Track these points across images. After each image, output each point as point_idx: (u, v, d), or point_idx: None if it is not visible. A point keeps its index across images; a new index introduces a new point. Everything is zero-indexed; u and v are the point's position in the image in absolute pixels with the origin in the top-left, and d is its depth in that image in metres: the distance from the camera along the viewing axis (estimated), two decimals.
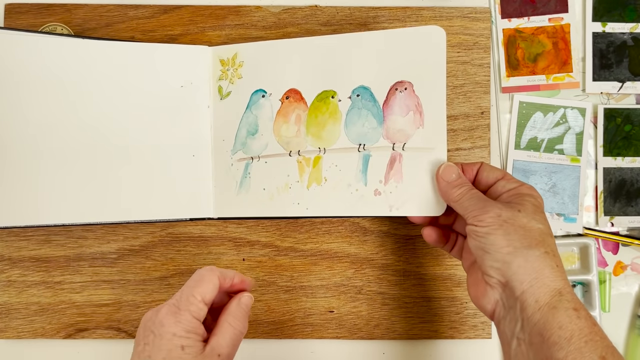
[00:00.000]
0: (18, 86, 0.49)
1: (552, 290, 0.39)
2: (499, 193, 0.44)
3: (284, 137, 0.51)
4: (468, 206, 0.43)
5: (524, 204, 0.42)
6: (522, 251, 0.40)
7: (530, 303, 0.39)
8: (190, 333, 0.39)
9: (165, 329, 0.38)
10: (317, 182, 0.50)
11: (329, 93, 0.50)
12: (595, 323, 0.39)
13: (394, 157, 0.49)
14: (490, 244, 0.41)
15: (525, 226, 0.41)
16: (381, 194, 0.49)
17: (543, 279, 0.39)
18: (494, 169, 0.46)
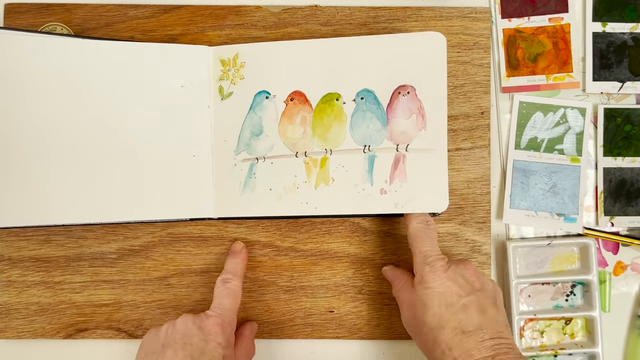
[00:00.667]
0: (17, 86, 0.49)
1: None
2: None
3: (290, 139, 0.51)
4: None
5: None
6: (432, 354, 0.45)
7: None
8: (229, 344, 0.46)
9: (212, 337, 0.45)
10: (325, 182, 0.51)
11: (334, 95, 0.51)
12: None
13: (398, 158, 0.50)
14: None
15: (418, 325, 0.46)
16: (387, 192, 0.50)
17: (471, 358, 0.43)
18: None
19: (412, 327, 0.48)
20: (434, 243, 0.48)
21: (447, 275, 0.46)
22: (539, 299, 0.56)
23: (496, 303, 0.46)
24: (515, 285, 0.55)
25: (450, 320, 0.44)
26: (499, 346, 0.43)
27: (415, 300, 0.47)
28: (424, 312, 0.45)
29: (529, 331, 0.56)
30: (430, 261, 0.47)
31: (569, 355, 0.55)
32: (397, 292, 0.50)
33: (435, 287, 0.45)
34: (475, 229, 0.55)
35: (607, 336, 0.55)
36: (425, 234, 0.48)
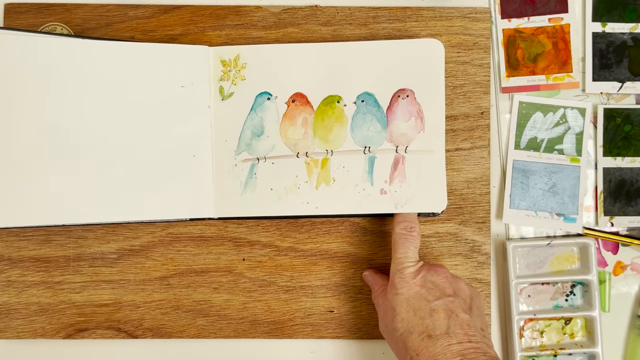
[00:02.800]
0: (17, 86, 0.49)
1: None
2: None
3: (291, 139, 0.52)
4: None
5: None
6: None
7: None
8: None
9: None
10: (326, 183, 0.52)
11: (335, 98, 0.52)
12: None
13: (398, 159, 0.52)
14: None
15: (390, 332, 0.47)
16: (387, 193, 0.51)
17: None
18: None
19: (385, 333, 0.48)
20: (409, 249, 0.48)
21: (415, 281, 0.46)
22: (538, 299, 0.56)
23: (470, 307, 0.46)
24: (515, 285, 0.55)
25: (417, 325, 0.44)
26: (468, 351, 0.43)
27: (387, 306, 0.47)
28: (394, 317, 0.46)
29: (529, 331, 0.56)
30: (401, 268, 0.47)
31: (568, 355, 0.55)
32: (374, 298, 0.51)
33: (403, 293, 0.46)
34: (475, 229, 0.55)
35: (607, 336, 0.56)
36: (405, 240, 0.48)
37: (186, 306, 0.55)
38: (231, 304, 0.55)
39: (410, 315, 0.45)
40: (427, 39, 0.52)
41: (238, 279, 0.55)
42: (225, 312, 0.55)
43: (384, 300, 0.48)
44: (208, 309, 0.55)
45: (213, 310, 0.55)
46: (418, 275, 0.47)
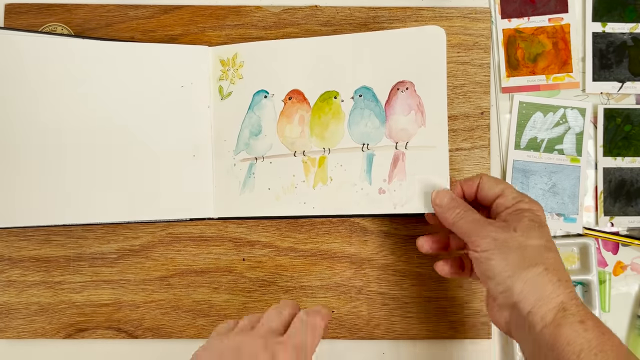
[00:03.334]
0: (17, 86, 0.49)
1: (555, 305, 0.39)
2: (498, 211, 0.44)
3: (288, 138, 0.51)
4: (465, 230, 0.44)
5: (520, 221, 0.42)
6: (522, 273, 0.40)
7: (537, 322, 0.39)
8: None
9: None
10: (323, 182, 0.51)
11: (332, 94, 0.51)
12: (605, 331, 0.39)
13: (397, 156, 0.50)
14: (491, 270, 0.41)
15: (522, 245, 0.41)
16: (385, 192, 0.50)
17: (546, 297, 0.39)
18: (494, 184, 0.45)
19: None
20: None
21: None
22: None
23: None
24: None
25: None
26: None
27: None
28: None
29: None
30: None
31: None
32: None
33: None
34: None
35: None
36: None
37: (186, 306, 0.55)
38: (231, 304, 0.55)
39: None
40: (427, 26, 0.49)
41: (238, 279, 0.55)
42: (225, 312, 0.55)
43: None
44: (208, 309, 0.55)
45: (213, 310, 0.55)
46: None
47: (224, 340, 0.38)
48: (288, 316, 0.40)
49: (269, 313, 0.40)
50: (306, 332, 0.39)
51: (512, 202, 0.44)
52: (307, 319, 0.40)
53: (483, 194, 0.46)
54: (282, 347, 0.37)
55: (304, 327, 0.40)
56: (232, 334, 0.39)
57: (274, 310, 0.41)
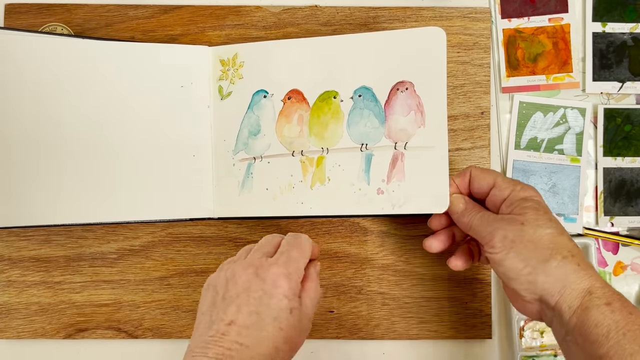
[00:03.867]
0: (17, 86, 0.49)
1: (581, 292, 0.39)
2: (496, 204, 0.45)
3: (287, 138, 0.51)
4: (478, 231, 0.44)
5: (525, 213, 0.42)
6: (541, 267, 0.40)
7: (565, 310, 0.40)
8: (296, 296, 0.41)
9: (279, 290, 0.40)
10: (321, 182, 0.50)
11: (331, 94, 0.51)
12: (633, 311, 0.39)
13: (396, 156, 0.49)
14: (510, 270, 0.41)
15: (534, 238, 0.41)
16: (384, 192, 0.49)
17: (570, 285, 0.40)
18: (484, 175, 0.46)
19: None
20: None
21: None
22: None
23: None
24: None
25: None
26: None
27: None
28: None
29: (529, 331, 0.56)
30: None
31: None
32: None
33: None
34: None
35: None
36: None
37: (186, 306, 0.55)
38: None
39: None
40: (427, 27, 0.49)
41: None
42: None
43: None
44: None
45: None
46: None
47: (220, 275, 0.42)
48: (278, 241, 0.44)
49: (261, 241, 0.44)
50: (291, 249, 0.43)
51: (507, 191, 0.44)
52: (293, 239, 0.44)
53: (476, 186, 0.46)
54: (272, 266, 0.41)
55: (290, 245, 0.43)
56: (228, 265, 0.42)
57: (265, 238, 0.45)
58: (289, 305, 0.40)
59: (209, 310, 0.40)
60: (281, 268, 0.41)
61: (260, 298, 0.40)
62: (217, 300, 0.40)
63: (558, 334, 0.41)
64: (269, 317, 0.39)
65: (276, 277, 0.40)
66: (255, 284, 0.40)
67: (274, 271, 0.41)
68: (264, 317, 0.39)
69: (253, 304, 0.39)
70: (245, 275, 0.41)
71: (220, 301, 0.40)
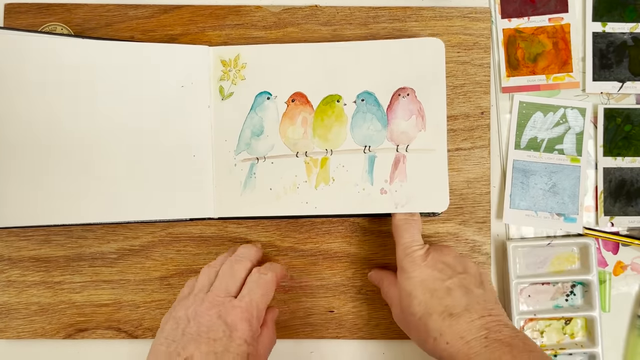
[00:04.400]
0: (17, 86, 0.49)
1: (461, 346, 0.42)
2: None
3: (291, 139, 0.52)
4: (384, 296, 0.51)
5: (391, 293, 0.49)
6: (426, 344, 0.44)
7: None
8: (254, 341, 0.42)
9: (239, 333, 0.41)
10: (325, 182, 0.51)
11: (335, 97, 0.52)
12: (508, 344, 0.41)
13: (398, 158, 0.51)
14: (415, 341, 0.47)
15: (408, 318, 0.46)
16: (387, 192, 0.51)
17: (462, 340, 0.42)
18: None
19: (403, 321, 0.48)
20: (414, 233, 0.48)
21: (426, 263, 0.46)
22: (538, 299, 0.56)
23: (482, 282, 0.46)
24: (515, 285, 0.55)
25: (436, 306, 0.44)
26: (490, 324, 0.43)
27: (401, 293, 0.46)
28: (410, 302, 0.45)
29: (529, 331, 0.56)
30: (409, 252, 0.47)
31: (569, 355, 0.55)
32: (385, 292, 0.50)
33: (416, 276, 0.46)
34: (475, 229, 0.55)
35: (607, 336, 0.56)
36: (407, 225, 0.48)
37: None
38: None
39: (427, 297, 0.44)
40: (427, 38, 0.52)
41: None
42: None
43: (395, 290, 0.48)
44: None
45: None
46: (427, 256, 0.46)
47: (182, 308, 0.43)
48: (242, 275, 0.45)
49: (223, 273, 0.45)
50: (256, 290, 0.44)
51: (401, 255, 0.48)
52: (258, 277, 0.45)
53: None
54: (235, 308, 0.42)
55: (255, 286, 0.44)
56: (191, 300, 0.43)
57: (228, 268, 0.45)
58: (247, 350, 0.41)
59: (165, 342, 0.41)
60: (244, 312, 0.42)
61: (221, 339, 0.40)
62: (176, 334, 0.41)
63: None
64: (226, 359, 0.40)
65: (238, 320, 0.41)
66: (217, 325, 0.41)
67: (236, 314, 0.42)
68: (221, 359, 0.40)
69: (212, 345, 0.40)
70: (207, 316, 0.41)
71: (180, 336, 0.41)
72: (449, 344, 0.42)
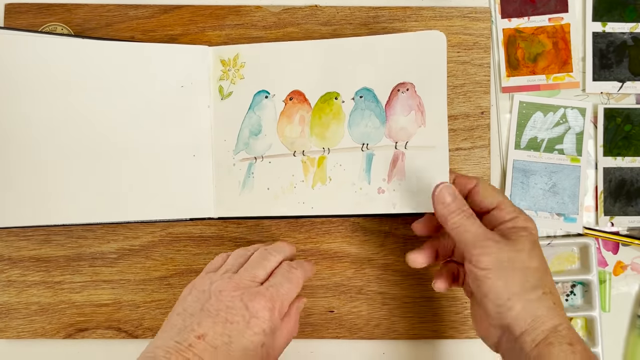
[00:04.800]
0: (17, 86, 0.49)
1: (548, 328, 0.40)
2: (494, 223, 0.44)
3: (288, 138, 0.51)
4: (466, 240, 0.42)
5: (522, 242, 0.42)
6: (521, 296, 0.40)
7: (527, 342, 0.40)
8: (273, 333, 0.41)
9: (259, 321, 0.40)
10: (322, 182, 0.50)
11: (333, 95, 0.51)
12: (592, 356, 0.40)
13: (397, 156, 0.50)
14: (489, 289, 0.41)
15: (523, 268, 0.41)
16: (385, 192, 0.50)
17: (541, 320, 0.40)
18: (491, 192, 0.45)
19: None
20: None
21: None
22: None
23: None
24: None
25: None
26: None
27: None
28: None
29: None
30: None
31: None
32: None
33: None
34: None
35: (607, 336, 0.55)
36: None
37: None
38: None
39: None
40: (427, 31, 0.49)
41: None
42: None
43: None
44: None
45: None
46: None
47: (207, 281, 0.42)
48: (273, 265, 0.43)
49: (255, 259, 0.43)
50: (283, 282, 0.42)
51: (510, 215, 0.43)
52: (289, 270, 0.43)
53: (478, 199, 0.45)
54: (259, 295, 0.40)
55: (283, 278, 0.42)
56: (218, 276, 0.42)
57: (260, 256, 0.44)
58: (262, 340, 0.40)
59: (183, 314, 0.40)
60: (267, 301, 0.40)
61: (238, 323, 0.39)
62: (196, 308, 0.40)
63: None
64: (238, 345, 0.39)
65: (260, 308, 0.40)
66: (238, 308, 0.39)
67: (259, 302, 0.40)
68: (234, 344, 0.38)
69: (228, 327, 0.39)
70: (230, 297, 0.40)
71: (198, 310, 0.40)
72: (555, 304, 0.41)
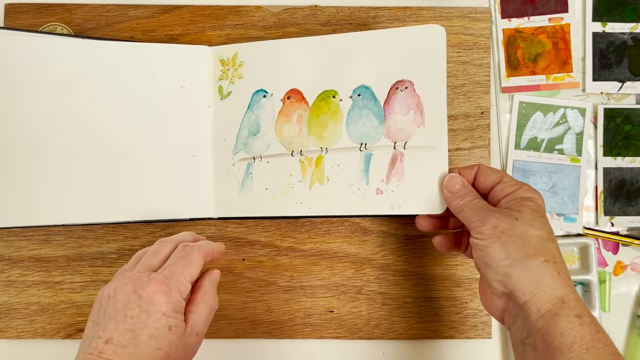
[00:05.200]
0: (18, 86, 0.49)
1: (554, 298, 0.39)
2: (498, 198, 0.44)
3: (286, 137, 0.51)
4: (469, 217, 0.43)
5: (522, 210, 0.42)
6: (521, 262, 0.40)
7: (532, 311, 0.39)
8: (177, 313, 0.40)
9: (155, 307, 0.39)
10: (320, 182, 0.50)
11: (330, 93, 0.50)
12: (600, 330, 0.39)
13: (396, 156, 0.49)
14: (490, 257, 0.41)
15: (523, 235, 0.41)
16: (383, 192, 0.49)
17: (544, 288, 0.39)
18: (492, 171, 0.46)
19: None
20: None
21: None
22: None
23: None
24: None
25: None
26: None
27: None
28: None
29: None
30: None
31: None
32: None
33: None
34: None
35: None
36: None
37: None
38: (231, 304, 0.55)
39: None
40: (427, 25, 0.48)
41: (238, 279, 0.55)
42: (225, 312, 0.55)
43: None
44: None
45: None
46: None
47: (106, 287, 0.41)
48: (167, 252, 0.43)
49: (151, 248, 0.43)
50: (177, 262, 0.41)
51: (512, 188, 0.44)
52: (182, 249, 0.42)
53: (481, 180, 0.46)
54: (151, 281, 0.39)
55: (176, 258, 0.42)
56: (117, 278, 0.42)
57: (156, 245, 0.43)
58: (167, 323, 0.39)
59: (91, 325, 0.40)
60: (160, 284, 0.39)
61: (138, 316, 0.39)
62: (99, 316, 0.40)
63: (517, 336, 0.41)
64: (144, 336, 0.38)
65: (153, 293, 0.39)
66: (133, 301, 0.39)
67: (152, 287, 0.39)
68: (140, 336, 0.38)
69: (129, 322, 0.38)
70: (124, 292, 0.39)
71: (101, 318, 0.39)
72: (560, 273, 0.41)
